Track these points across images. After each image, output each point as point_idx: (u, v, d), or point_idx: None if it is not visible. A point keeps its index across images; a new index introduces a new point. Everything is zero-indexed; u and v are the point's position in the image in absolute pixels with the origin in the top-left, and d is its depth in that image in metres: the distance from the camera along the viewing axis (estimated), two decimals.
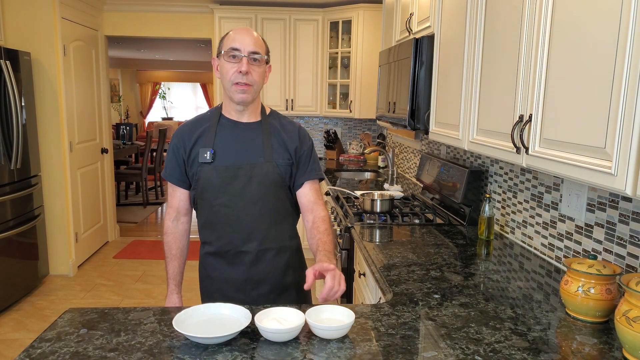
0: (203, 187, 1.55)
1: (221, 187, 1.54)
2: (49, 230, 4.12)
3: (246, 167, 1.54)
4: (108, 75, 5.08)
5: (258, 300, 1.61)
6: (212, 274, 1.65)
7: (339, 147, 5.00)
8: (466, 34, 1.91)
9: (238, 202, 1.54)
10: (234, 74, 1.48)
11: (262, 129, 1.59)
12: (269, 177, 1.55)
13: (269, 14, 4.63)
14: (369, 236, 2.13)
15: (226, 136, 1.57)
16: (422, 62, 2.45)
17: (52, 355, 1.09)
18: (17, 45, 3.90)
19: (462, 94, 1.94)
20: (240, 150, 1.55)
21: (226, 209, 1.55)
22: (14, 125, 3.52)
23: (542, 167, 1.34)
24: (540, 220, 1.91)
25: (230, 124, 1.58)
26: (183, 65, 12.13)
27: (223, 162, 1.54)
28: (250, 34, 1.51)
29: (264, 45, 1.54)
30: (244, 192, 1.54)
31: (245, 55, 1.48)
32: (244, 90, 1.50)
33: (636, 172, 1.00)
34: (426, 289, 1.52)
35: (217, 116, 1.60)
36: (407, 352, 1.12)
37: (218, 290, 1.65)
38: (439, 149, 3.11)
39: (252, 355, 1.09)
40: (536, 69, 1.37)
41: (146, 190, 6.78)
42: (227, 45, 1.50)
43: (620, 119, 1.03)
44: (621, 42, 1.02)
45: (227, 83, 1.51)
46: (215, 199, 1.55)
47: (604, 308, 1.28)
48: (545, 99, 1.34)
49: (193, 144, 1.57)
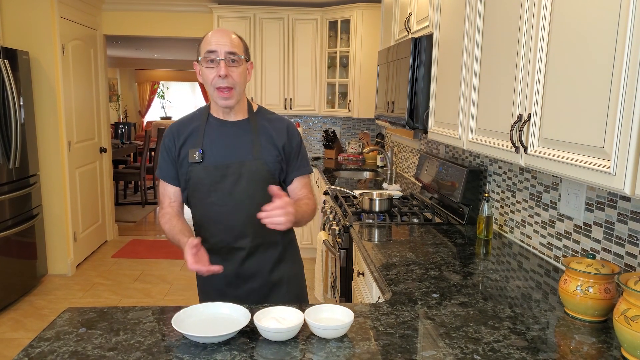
0: (194, 186, 1.57)
1: (211, 186, 1.55)
2: (48, 230, 4.12)
3: (235, 165, 1.55)
4: (107, 74, 5.07)
5: (250, 295, 1.64)
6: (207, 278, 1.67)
7: (338, 146, 5.01)
8: (465, 34, 1.91)
9: (228, 201, 1.56)
10: (214, 78, 1.48)
11: (250, 126, 1.60)
12: (258, 175, 1.56)
13: (267, 13, 4.63)
14: (368, 235, 2.13)
15: (214, 135, 1.58)
16: (420, 62, 2.45)
17: (51, 354, 1.09)
18: (16, 44, 3.89)
19: (460, 93, 1.94)
20: (228, 148, 1.56)
21: (217, 207, 1.56)
22: (13, 124, 3.52)
23: (541, 166, 1.34)
24: (539, 219, 1.91)
25: (218, 123, 1.60)
26: (181, 64, 12.12)
27: (212, 161, 1.55)
28: (226, 35, 1.50)
29: (241, 44, 1.53)
30: (233, 190, 1.55)
31: (222, 59, 1.47)
32: (227, 97, 1.51)
33: (635, 172, 1.00)
34: (425, 288, 1.52)
35: (206, 115, 1.61)
36: (406, 351, 1.12)
37: (212, 286, 1.68)
38: (438, 148, 3.12)
39: (251, 355, 1.09)
40: (535, 68, 1.38)
41: (145, 190, 6.77)
42: (204, 49, 1.49)
43: (618, 118, 1.03)
44: (620, 41, 1.03)
45: (210, 88, 1.52)
46: (206, 197, 1.57)
47: (603, 307, 1.28)
48: (544, 99, 1.34)
49: (182, 144, 1.58)
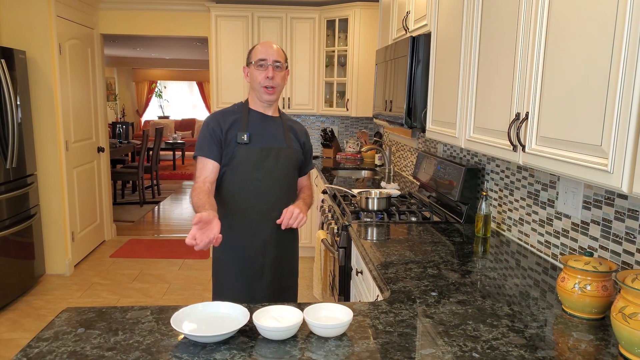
0: (238, 163, 1.87)
1: (257, 164, 1.88)
2: (45, 230, 4.11)
3: (275, 150, 1.92)
4: (104, 73, 5.06)
5: (273, 262, 1.97)
6: (228, 254, 1.94)
7: (336, 145, 5.00)
8: (463, 32, 1.91)
9: (268, 177, 1.90)
10: (263, 79, 1.87)
11: (282, 123, 1.99)
12: (290, 160, 1.95)
13: (265, 12, 4.63)
14: (366, 234, 2.13)
15: (257, 124, 1.93)
16: (418, 61, 2.45)
17: (49, 354, 1.09)
18: (12, 43, 3.88)
19: (458, 92, 1.95)
20: (269, 136, 1.93)
21: (258, 183, 1.89)
22: (10, 124, 3.51)
23: (539, 164, 1.34)
24: (537, 217, 1.92)
25: (259, 116, 1.95)
26: (179, 63, 12.10)
27: (258, 143, 1.90)
28: (273, 47, 1.89)
29: (283, 55, 1.92)
30: (273, 170, 1.91)
31: (270, 64, 1.86)
32: (271, 94, 1.90)
33: (632, 170, 1.00)
34: (423, 286, 1.53)
35: (247, 109, 1.95)
36: (405, 349, 1.13)
37: (231, 269, 1.96)
38: (436, 147, 3.12)
39: (250, 354, 1.09)
40: (533, 67, 1.38)
41: (143, 189, 6.76)
42: (255, 57, 1.89)
43: (616, 116, 1.03)
44: (617, 40, 1.03)
45: (257, 86, 1.89)
46: (250, 173, 1.88)
47: (600, 305, 1.28)
48: (541, 97, 1.34)
49: (228, 128, 1.88)
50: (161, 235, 5.42)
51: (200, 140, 1.89)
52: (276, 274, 1.99)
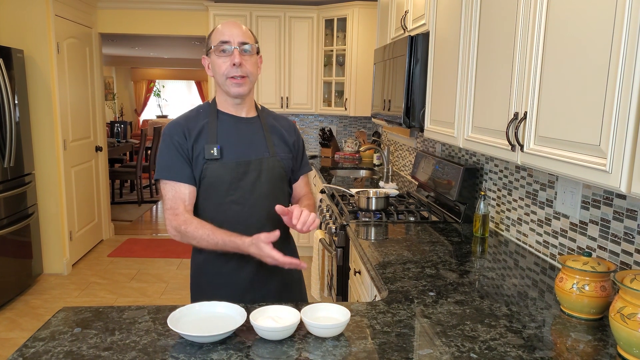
0: (210, 185, 1.48)
1: (232, 184, 1.48)
2: (43, 229, 4.10)
3: (255, 162, 1.51)
4: (102, 72, 5.05)
5: (266, 298, 1.56)
6: (213, 280, 1.55)
7: (334, 145, 5.00)
8: (461, 32, 1.91)
9: (249, 198, 1.50)
10: (227, 68, 1.46)
11: (262, 124, 1.58)
12: (275, 172, 1.55)
13: (263, 11, 4.62)
14: (364, 234, 2.13)
15: (229, 131, 1.52)
16: (417, 60, 2.45)
17: (45, 354, 1.08)
18: (10, 42, 3.86)
19: (457, 92, 1.94)
20: (246, 145, 1.52)
21: (237, 206, 1.50)
22: (7, 123, 3.49)
23: (537, 164, 1.34)
24: (535, 217, 1.91)
25: (230, 119, 1.54)
26: (177, 62, 12.08)
27: (232, 157, 1.49)
28: (238, 26, 1.49)
29: (252, 36, 1.51)
30: (254, 188, 1.51)
31: (235, 47, 1.45)
32: (240, 84, 1.47)
33: (630, 170, 1.00)
34: (421, 286, 1.52)
35: (214, 111, 1.54)
36: (403, 349, 1.12)
37: (231, 289, 1.54)
38: (434, 146, 3.12)
39: (247, 354, 1.09)
40: (531, 66, 1.38)
41: (141, 189, 6.75)
42: (215, 40, 1.47)
43: (614, 116, 1.03)
44: (616, 39, 1.03)
45: (221, 78, 1.48)
46: (224, 196, 1.49)
47: (599, 305, 1.28)
48: (540, 97, 1.34)
49: (195, 139, 1.48)
50: (159, 235, 5.41)
51: (164, 159, 1.48)
52: (280, 299, 1.61)
